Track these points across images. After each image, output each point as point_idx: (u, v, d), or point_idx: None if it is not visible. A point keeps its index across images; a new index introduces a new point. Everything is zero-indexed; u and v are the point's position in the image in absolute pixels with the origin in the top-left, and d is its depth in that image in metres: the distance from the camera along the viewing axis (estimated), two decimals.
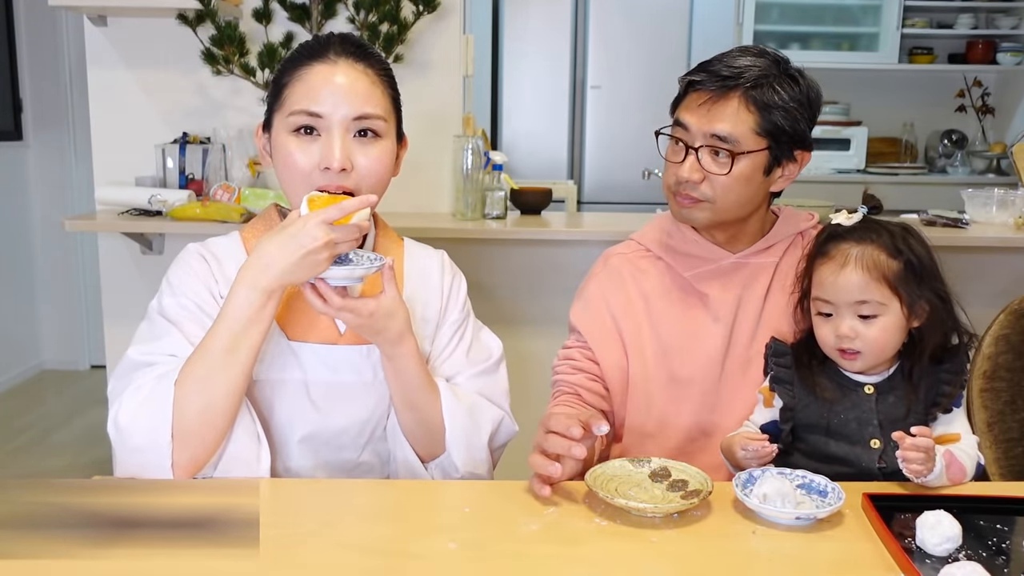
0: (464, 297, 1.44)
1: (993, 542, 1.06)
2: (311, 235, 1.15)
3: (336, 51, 1.28)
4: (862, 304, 1.27)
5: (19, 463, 3.58)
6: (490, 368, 1.40)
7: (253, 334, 1.19)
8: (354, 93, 1.26)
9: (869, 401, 1.30)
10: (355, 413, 1.32)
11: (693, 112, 1.38)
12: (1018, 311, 1.67)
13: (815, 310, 1.33)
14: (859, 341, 1.28)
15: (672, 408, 1.44)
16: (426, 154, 2.79)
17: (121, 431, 1.19)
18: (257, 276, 1.18)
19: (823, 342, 1.32)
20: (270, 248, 1.17)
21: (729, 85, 1.35)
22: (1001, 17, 4.75)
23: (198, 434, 1.18)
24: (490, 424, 1.34)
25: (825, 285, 1.30)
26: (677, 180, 1.40)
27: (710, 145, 1.36)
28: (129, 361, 1.25)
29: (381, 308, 1.21)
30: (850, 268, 1.28)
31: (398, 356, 1.26)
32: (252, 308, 1.18)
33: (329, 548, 1.04)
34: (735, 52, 1.39)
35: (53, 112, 4.60)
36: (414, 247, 1.45)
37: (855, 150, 4.77)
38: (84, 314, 4.73)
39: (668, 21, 4.62)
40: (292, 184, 1.27)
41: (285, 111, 1.27)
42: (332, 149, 1.23)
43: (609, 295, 1.50)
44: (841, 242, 1.30)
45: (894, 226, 1.32)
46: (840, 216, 1.33)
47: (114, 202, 2.70)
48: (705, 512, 1.14)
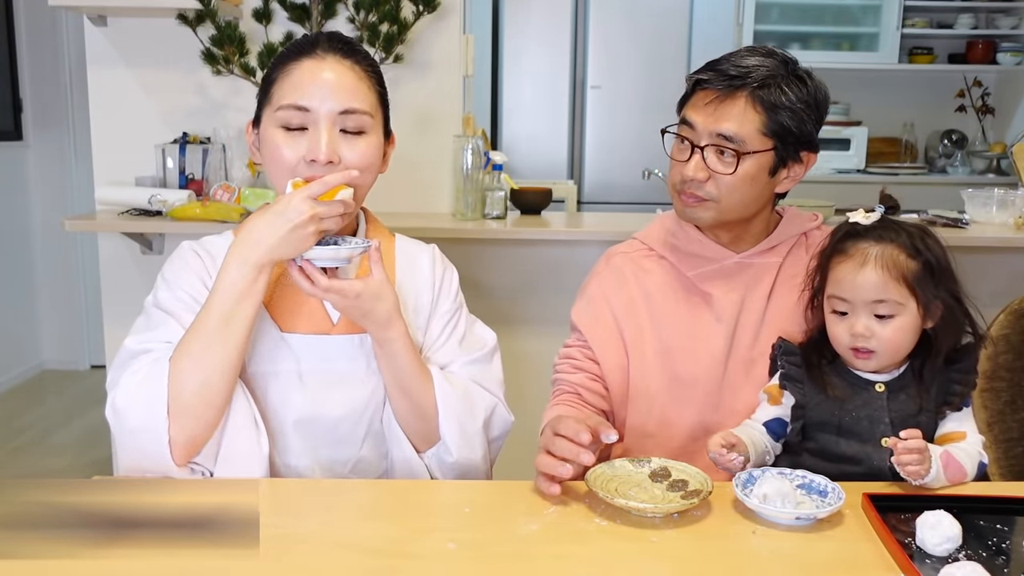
0: (456, 289, 1.45)
1: (993, 542, 1.06)
2: (297, 209, 1.19)
3: (324, 47, 1.30)
4: (879, 303, 1.27)
5: (19, 463, 3.58)
6: (484, 357, 1.41)
7: (246, 307, 1.22)
8: (341, 88, 1.28)
9: (880, 399, 1.30)
10: (351, 402, 1.32)
11: (699, 111, 1.38)
12: (1018, 311, 1.67)
13: (829, 308, 1.32)
14: (874, 340, 1.27)
15: (674, 408, 1.44)
16: (426, 154, 2.79)
17: (118, 413, 1.20)
18: (247, 252, 1.21)
19: (837, 341, 1.31)
20: (258, 224, 1.21)
21: (736, 84, 1.35)
22: (1001, 17, 4.75)
23: (194, 410, 1.19)
24: (484, 410, 1.35)
25: (843, 283, 1.29)
26: (682, 179, 1.40)
27: (716, 144, 1.36)
28: (126, 351, 1.26)
29: (368, 290, 1.23)
30: (869, 267, 1.27)
31: (388, 340, 1.27)
32: (244, 282, 1.21)
33: (329, 548, 1.04)
34: (743, 52, 1.39)
35: (53, 112, 4.60)
36: (405, 241, 1.47)
37: (855, 150, 4.77)
38: (84, 314, 4.73)
39: (668, 21, 4.62)
40: (279, 177, 1.30)
41: (273, 106, 1.29)
42: (318, 142, 1.26)
43: (611, 294, 1.50)
44: (860, 241, 1.29)
45: (912, 226, 1.31)
46: (858, 215, 1.32)
47: (114, 202, 2.70)
48: (705, 512, 1.14)
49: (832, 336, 1.32)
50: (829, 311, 1.32)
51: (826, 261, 1.33)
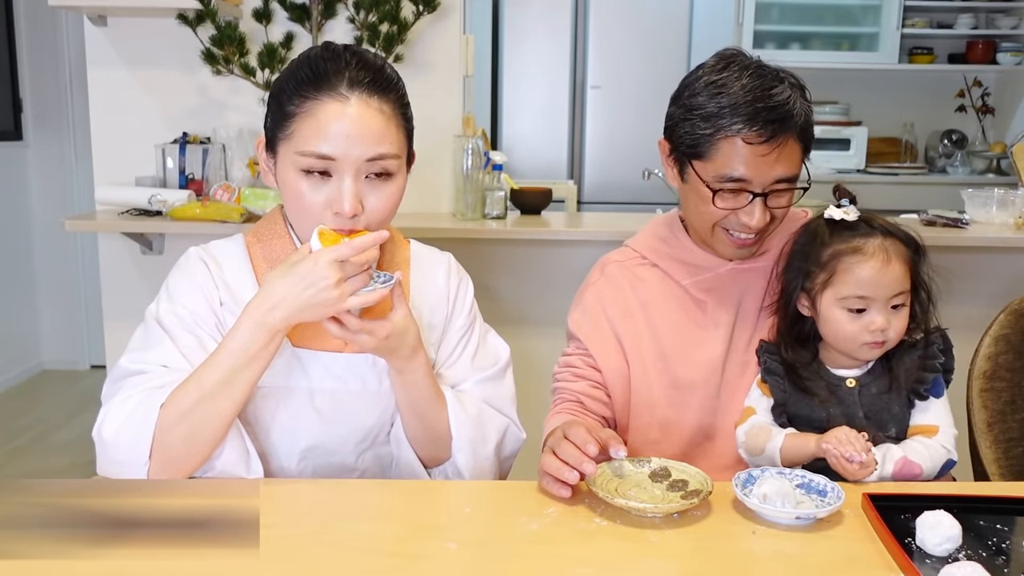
0: (471, 301, 1.42)
1: (993, 542, 1.06)
2: (322, 275, 1.12)
3: (348, 84, 1.19)
4: (898, 295, 1.28)
5: (19, 463, 3.58)
6: (496, 374, 1.38)
7: (253, 369, 1.17)
8: (368, 134, 1.19)
9: (852, 395, 1.32)
10: (359, 422, 1.30)
11: (753, 167, 1.30)
12: (1018, 311, 1.67)
13: (841, 307, 1.30)
14: (890, 331, 1.29)
15: (674, 413, 1.44)
16: (426, 154, 2.77)
17: (103, 443, 1.19)
18: (263, 315, 1.15)
19: (847, 338, 1.30)
20: (279, 287, 1.14)
21: (787, 128, 1.29)
22: (1001, 17, 4.74)
23: (178, 459, 1.18)
24: (496, 433, 1.33)
25: (865, 281, 1.28)
26: (744, 226, 1.35)
27: (775, 188, 1.33)
28: (121, 369, 1.24)
29: (395, 328, 1.19)
30: (894, 262, 1.28)
31: (409, 371, 1.25)
32: (255, 346, 1.16)
33: (329, 548, 1.03)
34: (758, 86, 1.30)
35: (53, 112, 4.60)
36: (420, 250, 1.42)
37: (855, 150, 4.77)
38: (84, 314, 4.74)
39: (668, 21, 4.61)
40: (301, 221, 1.25)
41: (292, 146, 1.20)
42: (343, 194, 1.18)
43: (607, 304, 1.49)
44: (868, 237, 1.29)
45: (883, 217, 1.35)
46: (839, 212, 1.32)
47: (114, 202, 2.71)
48: (705, 512, 1.13)
49: (842, 334, 1.31)
50: (840, 309, 1.30)
51: (833, 262, 1.30)
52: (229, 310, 1.27)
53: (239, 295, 1.27)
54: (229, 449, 1.21)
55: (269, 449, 1.28)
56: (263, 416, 1.27)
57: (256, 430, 1.27)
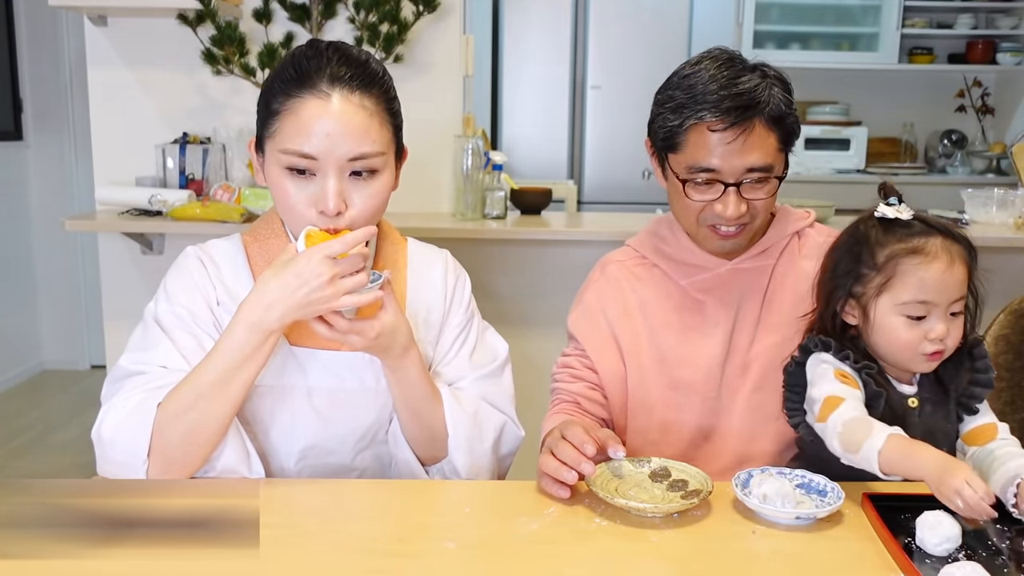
0: (468, 298, 1.41)
1: (993, 542, 1.06)
2: (315, 272, 1.12)
3: (329, 81, 1.18)
4: (957, 301, 1.18)
5: (19, 463, 3.58)
6: (494, 371, 1.38)
7: (249, 369, 1.17)
8: (349, 133, 1.17)
9: (912, 416, 1.23)
10: (357, 420, 1.31)
11: (719, 155, 1.30)
12: (1018, 311, 1.67)
13: (899, 313, 1.19)
14: (948, 340, 1.19)
15: (672, 414, 1.44)
16: (426, 154, 2.79)
17: (102, 443, 1.19)
18: (258, 315, 1.15)
19: (905, 347, 1.20)
20: (273, 286, 1.14)
21: (749, 115, 1.29)
22: (1001, 17, 4.75)
23: (176, 459, 1.18)
24: (494, 430, 1.33)
25: (929, 285, 1.17)
26: (719, 217, 1.35)
27: (747, 177, 1.32)
28: (120, 369, 1.25)
29: (385, 327, 1.19)
30: (957, 264, 1.18)
31: (402, 368, 1.25)
32: (250, 346, 1.16)
33: (329, 548, 1.04)
34: (719, 77, 1.30)
35: (53, 112, 4.60)
36: (417, 248, 1.42)
37: (855, 150, 4.77)
38: (84, 314, 4.73)
39: (668, 21, 4.62)
40: (290, 219, 1.25)
41: (276, 144, 1.20)
42: (326, 194, 1.18)
43: (607, 304, 1.49)
44: (927, 236, 1.18)
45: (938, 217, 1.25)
46: (892, 210, 1.21)
47: (114, 202, 2.71)
48: (705, 512, 1.14)
49: (899, 343, 1.20)
50: (898, 316, 1.19)
51: (891, 264, 1.20)
52: (226, 309, 1.27)
53: (236, 294, 1.27)
54: (230, 450, 1.21)
55: (268, 449, 1.29)
56: (262, 416, 1.27)
57: (255, 430, 1.28)
